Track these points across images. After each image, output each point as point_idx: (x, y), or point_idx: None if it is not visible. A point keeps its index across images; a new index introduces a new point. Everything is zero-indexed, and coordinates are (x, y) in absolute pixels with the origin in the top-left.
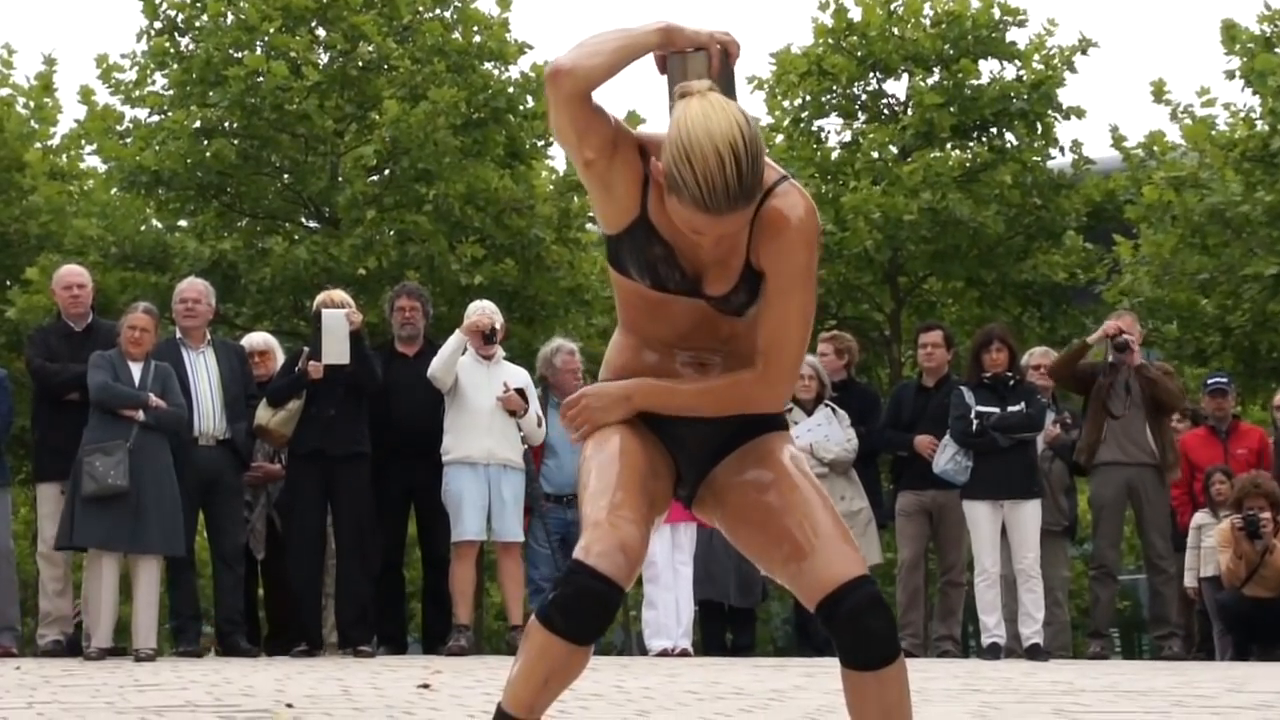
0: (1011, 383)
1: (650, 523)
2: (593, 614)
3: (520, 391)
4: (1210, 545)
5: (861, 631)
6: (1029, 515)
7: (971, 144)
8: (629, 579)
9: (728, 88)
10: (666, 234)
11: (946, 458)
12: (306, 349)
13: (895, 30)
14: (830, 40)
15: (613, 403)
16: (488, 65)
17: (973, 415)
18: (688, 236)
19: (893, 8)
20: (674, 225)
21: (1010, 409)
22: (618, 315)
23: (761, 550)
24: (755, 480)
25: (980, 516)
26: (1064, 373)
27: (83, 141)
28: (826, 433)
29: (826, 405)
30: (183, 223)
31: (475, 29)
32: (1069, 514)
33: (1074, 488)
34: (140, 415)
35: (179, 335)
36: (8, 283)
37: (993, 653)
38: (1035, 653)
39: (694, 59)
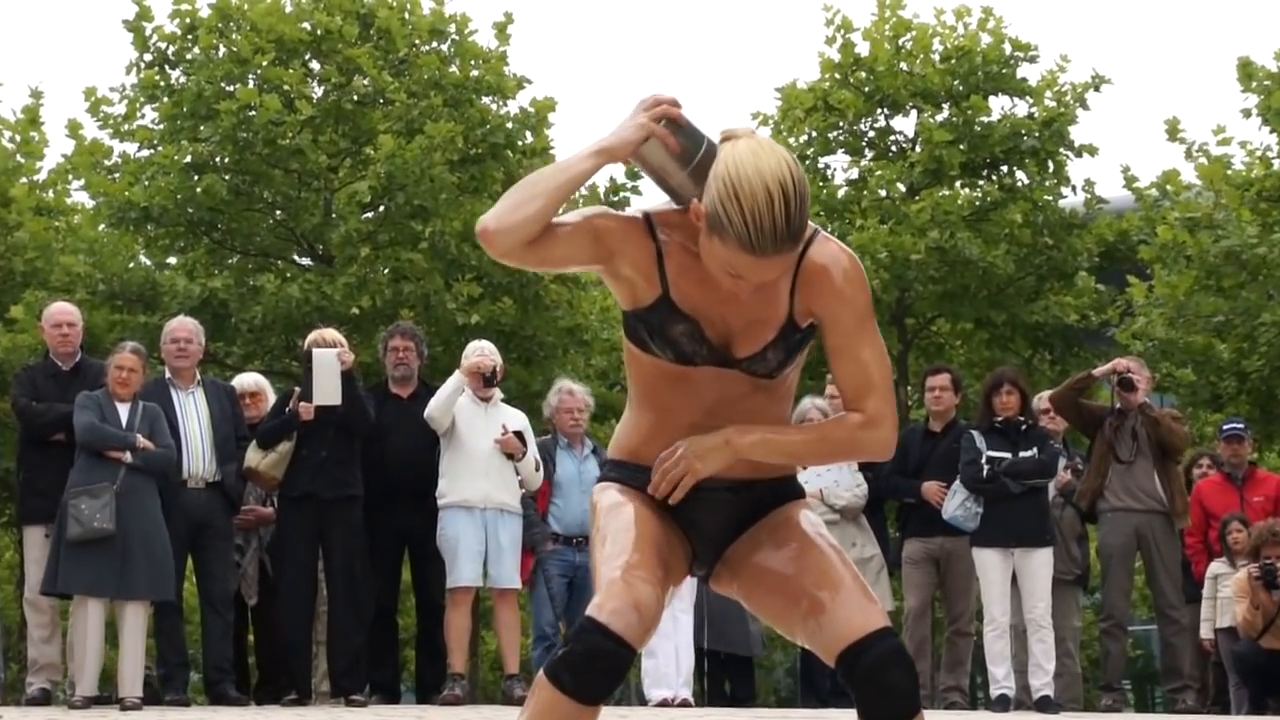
0: (1024, 427)
1: (665, 587)
2: (603, 673)
3: (519, 434)
4: (1226, 595)
5: (884, 686)
6: (1040, 564)
7: (981, 182)
8: (642, 640)
9: (694, 143)
10: (690, 307)
11: (956, 504)
12: (297, 389)
13: (904, 65)
14: (837, 75)
15: (710, 450)
16: (485, 100)
17: (984, 460)
18: (714, 306)
19: (901, 43)
20: (697, 296)
21: (1022, 454)
22: (631, 392)
23: (781, 612)
24: (771, 546)
25: (990, 564)
26: (1067, 403)
27: (70, 176)
28: (836, 478)
29: None
30: (172, 260)
31: (473, 63)
32: (1081, 562)
33: (1086, 535)
34: (128, 457)
35: (168, 375)
36: None
37: (1001, 704)
38: (1046, 705)
39: (650, 149)
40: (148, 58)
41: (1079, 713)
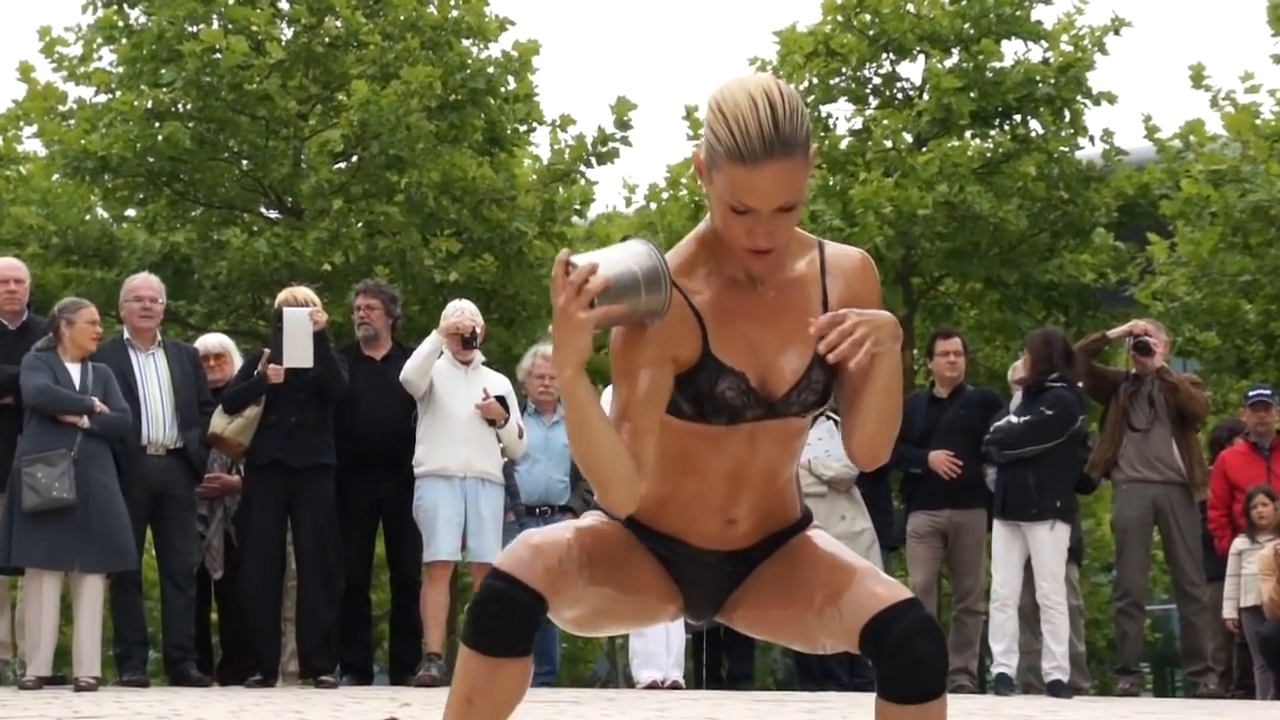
0: (1041, 390)
1: (589, 558)
2: (498, 619)
3: (500, 399)
4: (1251, 573)
5: (913, 657)
6: (1043, 539)
7: (993, 132)
8: (545, 581)
9: (629, 275)
10: (729, 353)
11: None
12: (266, 351)
13: (910, 7)
14: (839, 18)
15: (890, 330)
16: (465, 42)
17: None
18: (749, 337)
19: None
20: (732, 332)
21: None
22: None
23: (795, 620)
24: (770, 569)
25: (1000, 538)
26: (1080, 365)
27: (21, 122)
28: (827, 447)
29: (828, 417)
30: (131, 212)
31: (452, 3)
32: (1071, 536)
33: (1076, 507)
34: (85, 421)
35: (126, 336)
36: None
37: (1004, 684)
38: (1058, 689)
39: (609, 318)
40: None
41: (1093, 697)
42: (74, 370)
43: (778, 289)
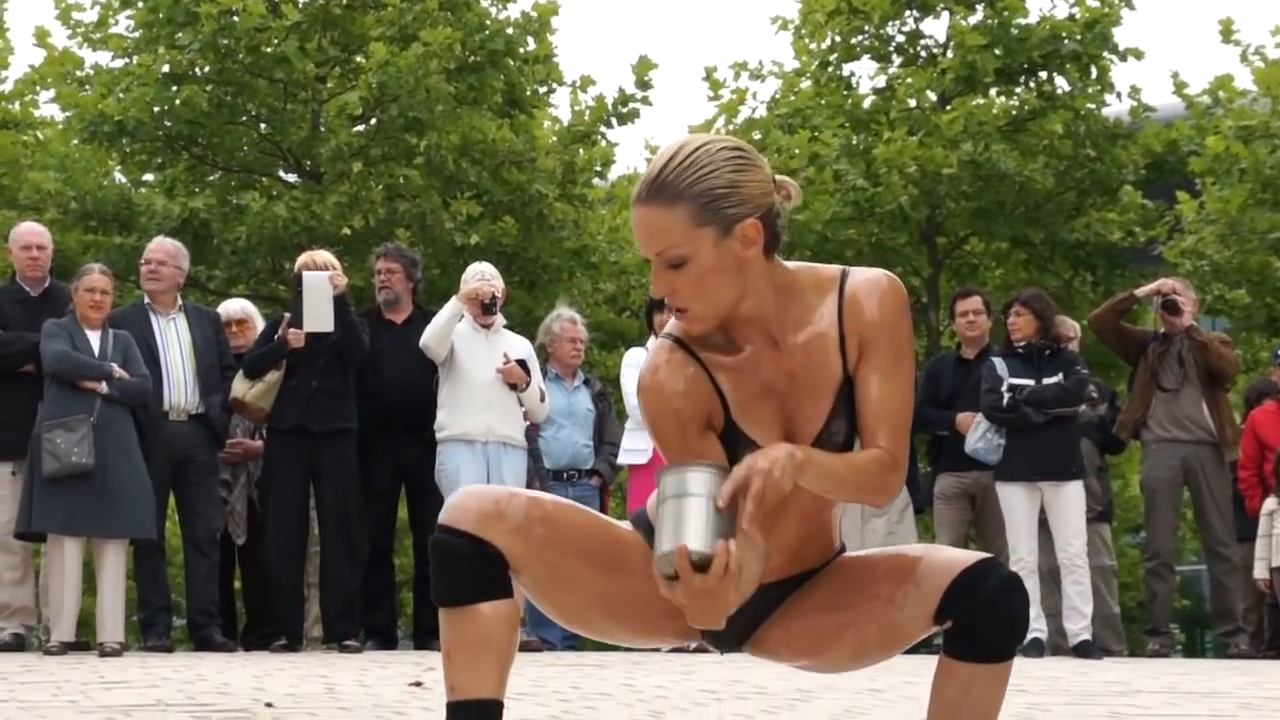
0: (1048, 352)
1: (551, 530)
2: (439, 568)
3: (522, 363)
4: None
5: (1005, 612)
6: (1071, 499)
7: (1018, 90)
8: (476, 521)
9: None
10: (749, 420)
11: (978, 435)
12: (286, 315)
13: None
14: None
15: (785, 464)
16: (484, 3)
17: (1004, 388)
18: (768, 398)
19: None
20: (750, 398)
21: (1046, 380)
22: None
23: (853, 623)
24: (818, 584)
25: (1014, 500)
26: (1107, 325)
27: (38, 88)
28: None
29: None
30: (149, 177)
31: None
32: (1102, 497)
33: (1105, 468)
34: (103, 387)
35: (147, 301)
36: None
37: (1034, 648)
38: (1085, 650)
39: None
40: None
41: (1123, 658)
42: (93, 337)
43: (799, 342)
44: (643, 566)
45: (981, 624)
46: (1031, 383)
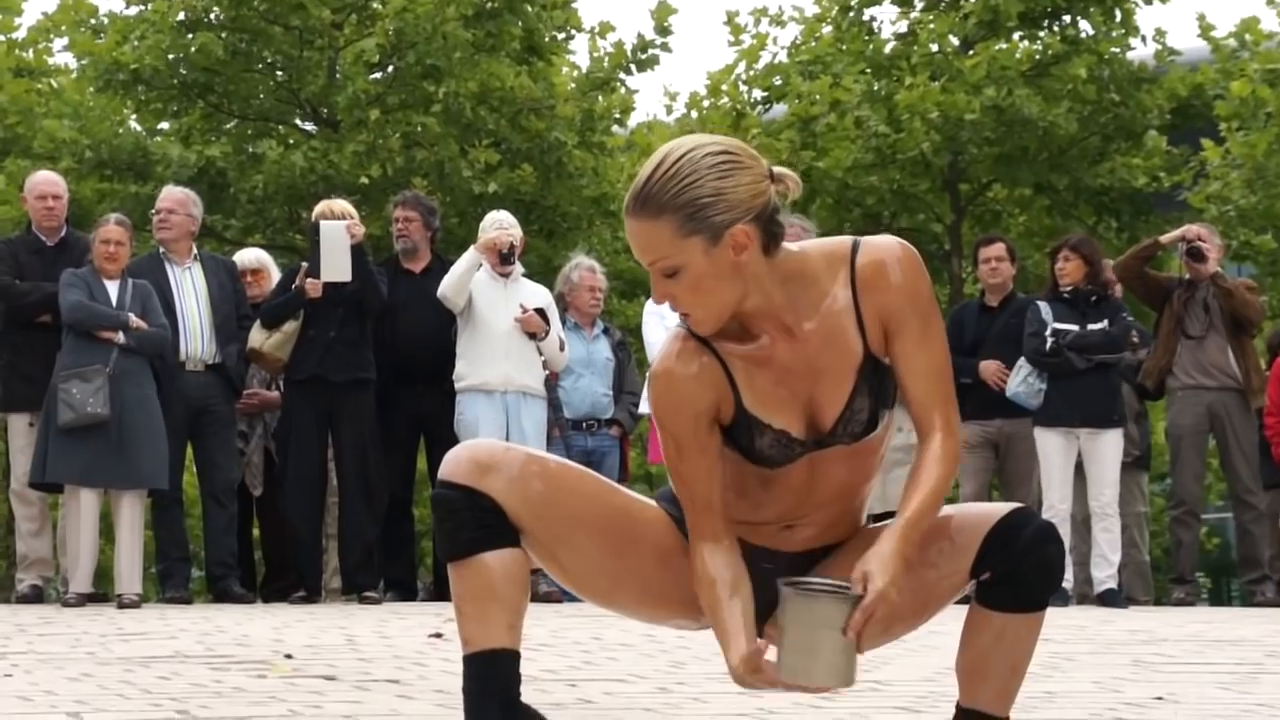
0: (1094, 298)
1: (553, 488)
2: (439, 523)
3: (541, 312)
4: None
5: (1043, 561)
6: (1109, 447)
7: (1041, 34)
8: (469, 472)
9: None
10: (766, 411)
11: (1019, 379)
12: (304, 265)
13: None
14: None
15: (895, 573)
16: None
17: (1048, 332)
18: (787, 391)
19: None
20: (768, 391)
21: (1091, 327)
22: None
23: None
24: (845, 551)
25: (1052, 446)
26: (1132, 273)
27: (52, 35)
28: None
29: None
30: (165, 125)
31: None
32: (1140, 443)
33: (1145, 413)
34: (120, 338)
35: (162, 251)
36: None
37: (1060, 598)
38: (1110, 599)
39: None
40: None
41: (1148, 607)
42: (111, 287)
43: (814, 327)
44: (654, 541)
45: (1019, 574)
46: (1076, 328)
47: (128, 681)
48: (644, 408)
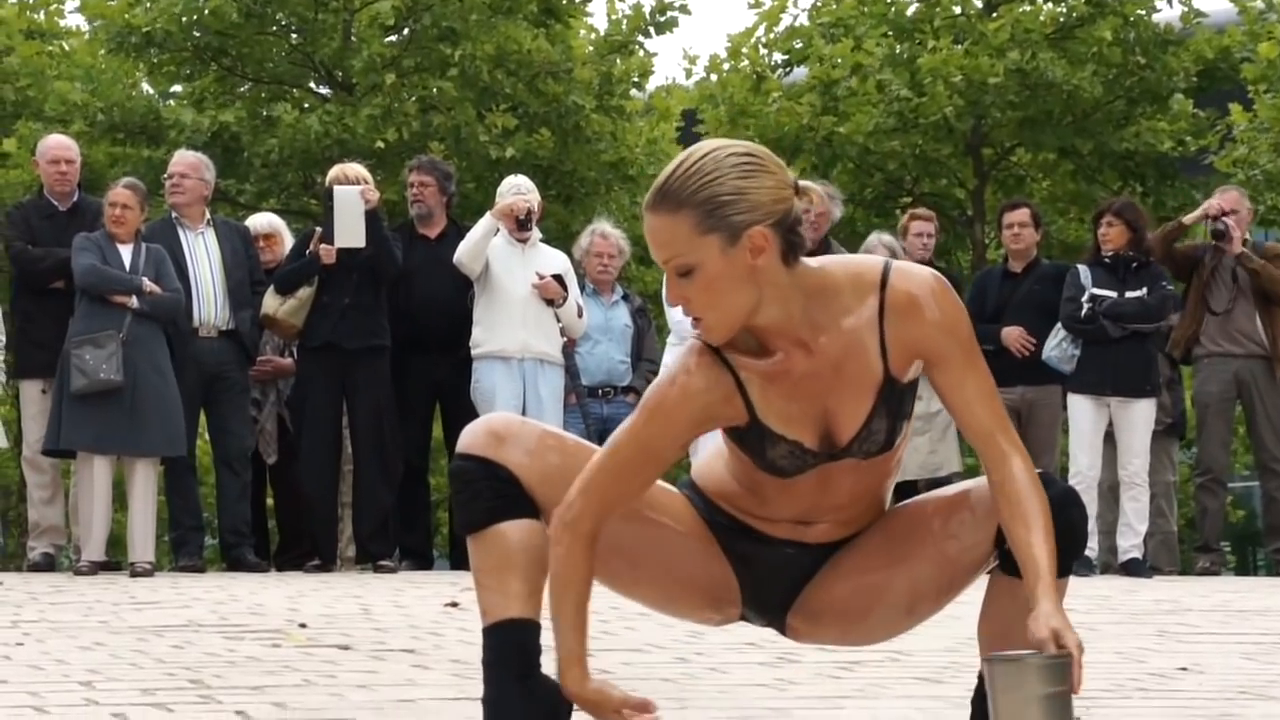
0: (1135, 265)
1: (568, 456)
2: (457, 493)
3: (559, 278)
4: None
5: (1063, 526)
6: (1140, 416)
7: None
8: (485, 443)
9: None
10: (782, 424)
11: (1054, 343)
12: (318, 230)
13: None
14: None
15: (1068, 622)
16: None
17: (1085, 298)
18: (803, 407)
19: None
20: (783, 407)
21: (1129, 294)
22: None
23: (909, 563)
24: (865, 537)
25: (1081, 412)
26: (1159, 254)
27: None
28: None
29: None
30: (178, 89)
31: None
32: (1171, 410)
33: (1177, 380)
34: (134, 302)
35: (175, 215)
36: None
37: (1085, 567)
38: (1134, 568)
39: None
40: None
41: (1173, 576)
42: (124, 251)
43: (833, 345)
44: (675, 526)
45: None
46: (1114, 294)
47: (141, 651)
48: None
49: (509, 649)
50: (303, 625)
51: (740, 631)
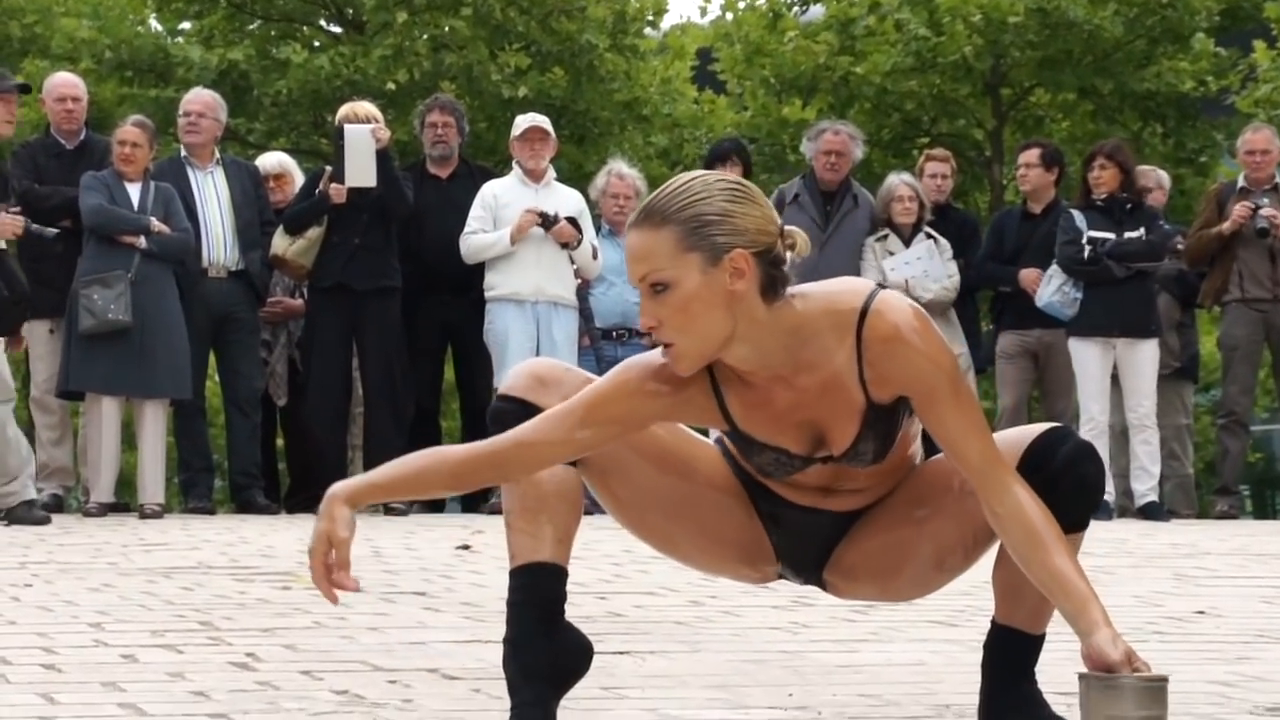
0: (1129, 206)
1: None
2: (495, 432)
3: (572, 220)
4: None
5: (1079, 479)
6: (1146, 357)
7: None
8: (526, 386)
9: None
10: (764, 435)
11: (1053, 289)
12: (327, 169)
13: None
14: None
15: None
16: None
17: (1084, 240)
18: (785, 424)
19: None
20: (762, 421)
21: (1128, 234)
22: None
23: (933, 521)
24: (894, 495)
25: (1088, 357)
26: (1200, 259)
27: None
28: (926, 267)
29: (927, 235)
30: (186, 26)
31: None
32: (1181, 354)
33: (1188, 324)
34: (142, 242)
35: (184, 154)
36: None
37: (1102, 511)
38: (1151, 512)
39: None
40: None
41: (1190, 520)
42: (133, 190)
43: (813, 381)
44: (709, 478)
45: (1057, 494)
46: (1112, 236)
47: (150, 593)
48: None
49: (536, 591)
50: None
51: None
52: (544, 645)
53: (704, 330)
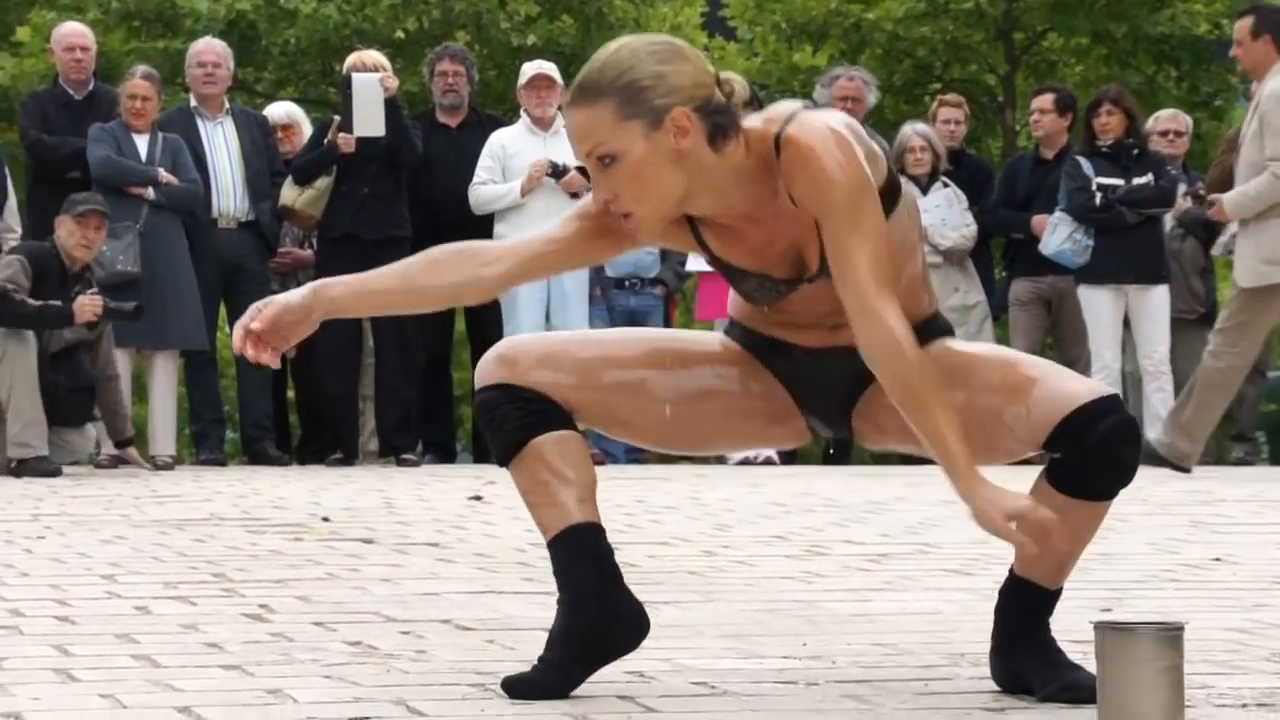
0: (1135, 151)
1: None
2: (485, 425)
3: (582, 169)
4: None
5: (1115, 459)
6: (1158, 303)
7: None
8: (495, 373)
9: None
10: (741, 264)
11: (1062, 237)
12: (336, 119)
13: None
14: None
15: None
16: None
17: (1094, 187)
18: (757, 253)
19: None
20: (737, 252)
21: (1136, 180)
22: None
23: (962, 413)
24: None
25: (1100, 304)
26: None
27: None
28: (944, 215)
29: (944, 183)
30: None
31: None
32: (1204, 299)
33: (1210, 269)
34: (150, 193)
35: (193, 104)
36: None
37: None
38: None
39: None
40: None
41: (1206, 466)
42: (140, 141)
43: (772, 209)
44: (710, 357)
45: (1090, 466)
46: (1120, 183)
47: (162, 544)
48: (691, 265)
49: (582, 550)
50: (325, 519)
51: (767, 524)
52: (594, 608)
53: (659, 193)
